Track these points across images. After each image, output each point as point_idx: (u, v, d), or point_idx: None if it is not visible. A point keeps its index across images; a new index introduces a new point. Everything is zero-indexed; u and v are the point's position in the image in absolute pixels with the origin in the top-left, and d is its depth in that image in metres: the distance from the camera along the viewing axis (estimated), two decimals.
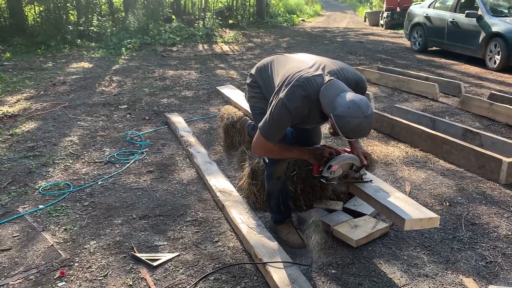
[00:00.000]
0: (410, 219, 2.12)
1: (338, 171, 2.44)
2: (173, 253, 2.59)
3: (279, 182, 2.67)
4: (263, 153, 2.51)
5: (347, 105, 2.05)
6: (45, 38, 10.78)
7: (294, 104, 2.20)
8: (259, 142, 2.37)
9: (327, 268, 2.46)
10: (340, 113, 2.06)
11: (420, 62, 9.05)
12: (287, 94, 2.21)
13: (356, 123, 2.04)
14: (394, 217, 2.20)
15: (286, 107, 2.19)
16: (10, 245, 2.68)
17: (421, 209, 2.24)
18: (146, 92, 6.55)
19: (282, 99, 2.21)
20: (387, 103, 5.87)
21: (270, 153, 2.46)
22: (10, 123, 5.03)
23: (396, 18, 15.71)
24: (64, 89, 6.72)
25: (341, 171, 2.45)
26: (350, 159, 2.46)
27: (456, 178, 3.59)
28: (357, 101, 2.06)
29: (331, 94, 2.14)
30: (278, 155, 2.49)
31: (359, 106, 2.05)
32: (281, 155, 2.50)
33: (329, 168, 2.41)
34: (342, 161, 2.44)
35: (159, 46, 10.95)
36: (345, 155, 2.48)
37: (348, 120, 2.05)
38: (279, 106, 2.22)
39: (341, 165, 2.44)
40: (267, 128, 2.29)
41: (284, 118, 2.24)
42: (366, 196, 2.45)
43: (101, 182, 3.56)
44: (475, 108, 5.36)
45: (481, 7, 8.29)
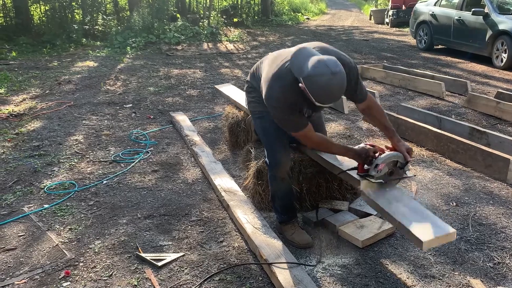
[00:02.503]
0: (428, 240, 2.05)
1: (384, 169, 2.44)
2: (178, 253, 2.58)
3: (283, 184, 2.66)
4: (312, 144, 2.57)
5: (314, 64, 2.05)
6: (51, 37, 10.82)
7: (275, 98, 2.29)
8: (301, 138, 2.49)
9: (333, 268, 2.44)
10: (307, 74, 2.06)
11: (426, 60, 8.99)
12: (267, 93, 2.32)
13: (324, 82, 2.02)
14: (411, 236, 2.16)
15: (273, 106, 2.32)
16: (15, 245, 2.68)
17: (438, 223, 2.19)
18: (151, 91, 6.55)
19: (268, 102, 2.34)
20: (393, 102, 5.83)
21: (316, 144, 2.53)
22: (16, 122, 5.04)
23: (401, 16, 15.63)
24: (69, 88, 6.73)
25: (387, 169, 2.45)
26: (395, 156, 2.46)
27: (463, 177, 3.55)
28: (325, 60, 2.06)
29: (300, 62, 2.14)
30: (325, 147, 2.55)
31: (326, 64, 2.03)
32: (327, 148, 2.55)
33: (376, 167, 2.41)
34: (388, 159, 2.44)
35: (164, 45, 10.95)
36: (390, 153, 2.47)
37: (315, 79, 2.03)
38: (272, 108, 2.35)
39: (387, 163, 2.44)
40: (288, 126, 2.40)
41: (281, 111, 2.31)
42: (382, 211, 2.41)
43: (106, 181, 3.55)
44: (482, 107, 5.32)
45: (487, 5, 8.22)
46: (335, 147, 2.55)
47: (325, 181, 3.03)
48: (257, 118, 2.69)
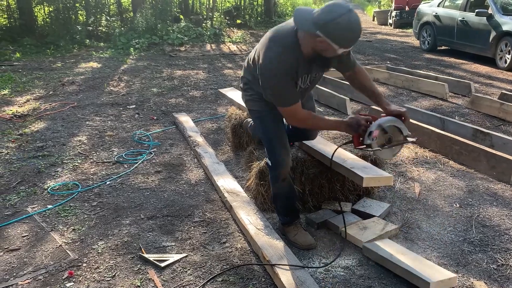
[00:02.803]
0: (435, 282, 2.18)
1: (380, 137, 2.30)
2: (181, 254, 2.59)
3: (284, 185, 2.64)
4: (298, 122, 2.41)
5: (327, 10, 2.00)
6: (54, 38, 10.87)
7: (274, 60, 2.16)
8: (287, 114, 2.34)
9: (336, 270, 2.44)
10: (324, 22, 1.98)
11: (429, 61, 8.97)
12: (264, 56, 2.19)
13: (345, 21, 1.97)
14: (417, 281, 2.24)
15: (269, 68, 2.18)
16: (19, 245, 2.69)
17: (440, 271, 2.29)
18: (154, 92, 6.56)
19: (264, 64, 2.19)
20: (396, 103, 5.82)
21: (304, 121, 2.38)
22: (20, 123, 5.06)
23: (405, 17, 15.62)
24: (73, 89, 6.75)
25: (383, 136, 2.32)
26: (389, 121, 2.34)
27: (466, 179, 3.54)
28: (334, 2, 2.01)
29: (306, 18, 2.06)
30: (313, 123, 2.43)
31: (338, 5, 1.99)
32: (316, 124, 2.45)
33: (370, 135, 2.27)
34: (381, 124, 2.31)
35: (167, 46, 10.98)
36: (384, 119, 2.34)
37: (335, 22, 1.96)
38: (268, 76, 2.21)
39: (382, 129, 2.30)
40: (279, 98, 2.28)
41: (277, 79, 2.19)
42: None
43: (110, 182, 3.56)
44: (485, 108, 5.30)
45: (491, 6, 8.20)
46: (324, 122, 2.45)
47: (328, 182, 3.03)
48: (257, 118, 2.63)
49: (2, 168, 3.83)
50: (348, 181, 3.05)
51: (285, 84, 2.23)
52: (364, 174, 2.56)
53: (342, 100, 5.44)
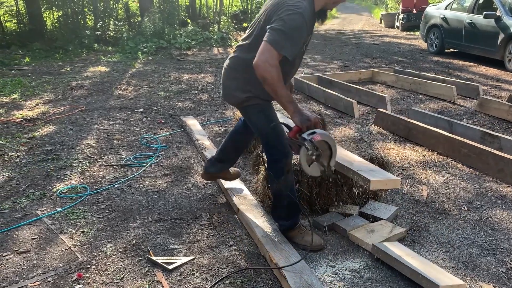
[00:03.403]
0: None
1: (319, 144, 2.22)
2: (189, 256, 2.60)
3: (289, 177, 2.60)
4: (267, 67, 2.18)
5: None
6: (63, 43, 10.98)
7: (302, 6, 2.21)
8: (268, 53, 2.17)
9: (343, 273, 2.44)
10: None
11: (437, 64, 8.94)
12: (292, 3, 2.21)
13: None
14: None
15: (297, 11, 2.18)
16: (29, 247, 2.72)
17: (450, 277, 2.28)
18: (162, 95, 6.60)
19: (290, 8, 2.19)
20: (404, 106, 5.81)
21: (269, 74, 2.18)
22: (29, 127, 5.11)
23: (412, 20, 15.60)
24: (82, 93, 6.81)
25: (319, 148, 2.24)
26: (332, 140, 2.30)
27: (474, 182, 3.53)
28: None
29: None
30: (273, 82, 2.20)
31: None
32: (275, 86, 2.21)
33: (312, 134, 2.20)
34: (326, 136, 2.27)
35: (175, 50, 11.04)
36: (330, 135, 2.33)
37: None
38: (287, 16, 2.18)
39: (323, 140, 2.24)
40: (278, 36, 2.17)
41: (298, 24, 2.19)
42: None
43: (118, 185, 3.59)
44: (494, 111, 5.27)
45: (499, 8, 8.16)
46: (284, 90, 2.26)
47: (335, 185, 3.03)
48: (259, 111, 2.54)
49: (12, 171, 3.87)
50: (356, 184, 3.05)
51: (297, 35, 2.23)
52: (371, 177, 2.56)
53: (349, 103, 5.44)
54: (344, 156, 2.93)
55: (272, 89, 2.23)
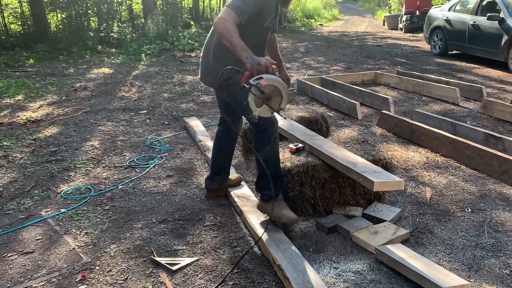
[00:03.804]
0: None
1: (266, 88, 2.31)
2: (192, 257, 2.61)
3: (276, 146, 2.72)
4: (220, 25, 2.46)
5: None
6: (67, 45, 11.02)
7: None
8: (223, 14, 2.48)
9: (346, 274, 2.44)
10: None
11: (440, 65, 8.93)
12: None
13: None
14: None
15: None
16: (33, 248, 2.73)
17: (453, 277, 2.28)
18: (165, 97, 6.62)
19: None
20: (407, 108, 5.80)
21: (224, 27, 2.44)
22: (33, 128, 5.14)
23: (415, 21, 15.58)
24: (85, 94, 6.84)
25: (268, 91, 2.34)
26: (281, 84, 2.37)
27: (478, 184, 3.52)
28: None
29: None
30: (228, 33, 2.42)
31: None
32: (230, 35, 2.42)
33: (258, 79, 2.29)
34: (273, 80, 2.33)
35: (178, 52, 11.07)
36: (279, 79, 2.38)
37: None
38: None
39: (270, 84, 2.32)
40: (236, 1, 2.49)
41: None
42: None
43: (122, 186, 3.60)
44: (497, 113, 5.26)
45: (503, 10, 8.15)
46: (237, 39, 2.42)
47: (338, 187, 3.04)
48: (241, 88, 2.59)
49: (17, 172, 3.89)
50: (359, 186, 3.05)
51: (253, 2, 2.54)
52: (375, 178, 2.56)
53: (353, 105, 5.44)
54: (348, 157, 2.93)
55: (228, 40, 2.43)
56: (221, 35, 2.49)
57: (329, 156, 2.93)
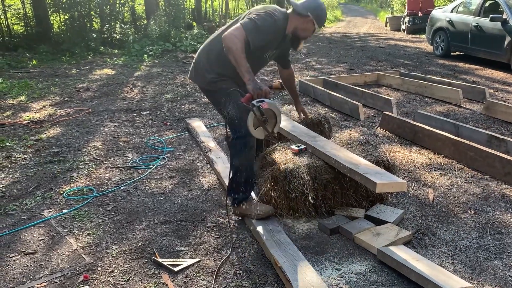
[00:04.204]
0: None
1: (266, 112, 2.57)
2: (194, 258, 2.60)
3: (251, 154, 2.84)
4: (232, 40, 2.57)
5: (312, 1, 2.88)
6: (70, 46, 11.05)
7: (278, 16, 2.76)
8: (236, 31, 2.61)
9: (349, 276, 2.43)
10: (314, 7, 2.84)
11: (443, 67, 8.92)
12: (273, 10, 2.79)
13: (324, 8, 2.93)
14: None
15: (272, 16, 2.72)
16: (35, 249, 2.73)
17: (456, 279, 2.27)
18: (168, 98, 6.63)
19: (271, 12, 2.75)
20: (410, 109, 5.79)
21: (235, 44, 2.56)
22: (36, 129, 5.15)
23: (417, 22, 15.57)
24: (88, 95, 6.85)
25: (267, 113, 2.59)
26: (278, 110, 2.66)
27: (481, 185, 3.51)
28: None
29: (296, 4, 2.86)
30: (237, 53, 2.56)
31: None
32: (239, 56, 2.56)
33: (260, 102, 2.54)
34: (273, 106, 2.62)
35: (181, 53, 11.08)
36: (277, 106, 2.68)
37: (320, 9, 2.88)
38: (268, 15, 2.72)
39: (270, 108, 2.60)
40: (251, 25, 2.63)
41: (270, 24, 2.70)
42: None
43: (124, 187, 3.60)
44: (500, 114, 5.25)
45: (506, 11, 8.13)
46: (243, 61, 2.57)
47: (341, 188, 3.03)
48: (227, 94, 2.81)
49: (19, 173, 3.90)
50: (361, 187, 3.05)
51: (266, 29, 2.68)
52: (377, 179, 2.56)
53: (355, 106, 5.44)
54: (350, 158, 2.93)
55: (235, 58, 2.57)
56: (229, 51, 2.60)
57: (331, 157, 2.93)
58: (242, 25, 2.62)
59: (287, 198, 2.97)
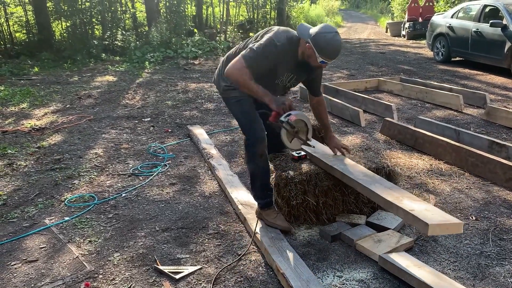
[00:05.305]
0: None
1: (295, 123, 2.65)
2: (195, 266, 2.60)
3: (262, 161, 2.84)
4: (235, 74, 2.62)
5: (321, 27, 2.61)
6: (71, 53, 11.09)
7: (281, 40, 2.62)
8: (236, 63, 2.62)
9: (350, 283, 2.42)
10: (316, 33, 2.56)
11: (443, 72, 8.93)
12: (274, 34, 2.65)
13: (330, 37, 2.55)
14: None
15: (273, 41, 2.61)
16: (37, 256, 2.74)
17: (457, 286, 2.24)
18: (169, 105, 6.64)
19: (271, 36, 2.63)
20: (410, 115, 5.80)
21: (240, 77, 2.60)
22: (38, 136, 5.16)
23: (418, 28, 15.60)
24: (89, 102, 6.87)
25: (295, 125, 2.67)
26: (306, 118, 2.74)
27: (482, 191, 3.51)
28: (326, 24, 2.67)
29: (304, 28, 2.66)
30: (245, 83, 2.61)
31: (329, 26, 2.64)
32: (248, 85, 2.61)
33: (288, 116, 2.62)
34: (300, 115, 2.70)
35: (182, 60, 11.12)
36: (304, 113, 2.75)
37: (323, 35, 2.55)
38: (267, 40, 2.62)
39: (298, 119, 2.67)
40: (251, 53, 2.60)
41: (269, 50, 2.60)
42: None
43: (125, 194, 3.61)
44: (501, 120, 5.25)
45: (506, 17, 8.15)
46: (255, 86, 2.62)
47: (342, 195, 3.03)
48: (236, 101, 2.86)
49: (21, 180, 3.91)
50: (363, 194, 3.04)
51: (265, 58, 2.61)
52: (429, 220, 2.14)
53: (356, 112, 5.45)
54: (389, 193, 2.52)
55: (245, 88, 2.64)
56: (238, 86, 2.69)
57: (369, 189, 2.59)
58: (243, 56, 2.61)
59: (288, 205, 2.97)
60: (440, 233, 2.25)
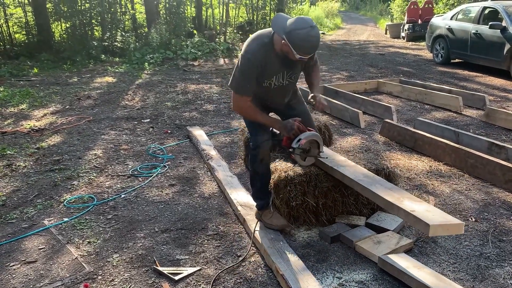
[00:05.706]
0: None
1: (305, 145, 2.80)
2: (195, 267, 2.60)
3: (262, 165, 2.89)
4: (239, 110, 2.81)
5: (295, 21, 2.45)
6: (71, 54, 11.09)
7: (250, 51, 2.59)
8: (234, 99, 2.75)
9: (350, 284, 2.42)
10: (289, 29, 2.43)
11: (442, 74, 8.94)
12: (244, 48, 2.63)
13: (304, 33, 2.41)
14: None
15: (245, 56, 2.59)
16: (36, 257, 2.73)
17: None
18: (169, 106, 6.64)
19: (242, 54, 2.62)
20: (410, 116, 5.80)
21: (245, 110, 2.76)
22: (37, 137, 5.16)
23: (417, 30, 15.61)
24: (89, 103, 6.87)
25: (307, 145, 2.83)
26: (315, 136, 2.86)
27: (481, 193, 3.51)
28: (303, 17, 2.49)
29: (280, 22, 2.52)
30: (252, 115, 2.77)
31: (305, 20, 2.45)
32: (254, 116, 2.76)
33: (298, 141, 2.76)
34: (309, 137, 2.81)
35: (181, 61, 11.12)
36: (312, 133, 2.84)
37: (297, 32, 2.41)
38: (240, 60, 2.63)
39: (308, 141, 2.81)
40: (235, 83, 2.67)
41: (246, 66, 2.60)
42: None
43: (124, 195, 3.60)
44: (500, 121, 5.25)
45: (505, 19, 8.16)
46: (262, 116, 2.76)
47: (341, 196, 3.03)
48: None
49: (20, 181, 3.90)
50: (362, 195, 3.04)
51: (248, 75, 2.62)
52: (430, 220, 2.14)
53: (355, 114, 5.45)
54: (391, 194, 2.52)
55: (255, 120, 2.78)
56: (245, 117, 2.92)
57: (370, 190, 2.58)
58: (233, 89, 2.71)
59: (288, 206, 2.97)
60: (441, 233, 2.22)
